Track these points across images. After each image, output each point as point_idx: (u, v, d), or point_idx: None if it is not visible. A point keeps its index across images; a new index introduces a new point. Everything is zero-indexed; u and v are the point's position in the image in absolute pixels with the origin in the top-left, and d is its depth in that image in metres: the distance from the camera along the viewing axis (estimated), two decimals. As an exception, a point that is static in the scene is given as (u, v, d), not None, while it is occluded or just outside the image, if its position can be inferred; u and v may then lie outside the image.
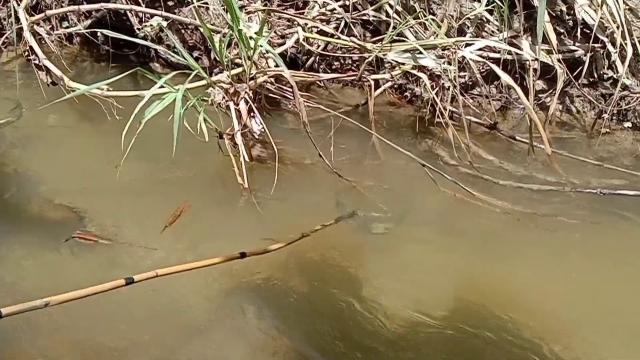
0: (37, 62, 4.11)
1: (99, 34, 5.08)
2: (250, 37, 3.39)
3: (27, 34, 4.01)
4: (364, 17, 4.51)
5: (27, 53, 4.15)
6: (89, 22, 4.88)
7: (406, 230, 3.34)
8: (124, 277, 2.44)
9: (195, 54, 5.09)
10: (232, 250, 2.97)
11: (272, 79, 3.66)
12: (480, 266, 3.11)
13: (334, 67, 4.85)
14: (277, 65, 3.75)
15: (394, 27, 3.88)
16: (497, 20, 4.34)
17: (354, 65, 4.80)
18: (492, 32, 4.46)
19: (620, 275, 3.07)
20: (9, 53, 5.15)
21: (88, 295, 2.33)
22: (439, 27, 3.86)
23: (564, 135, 4.16)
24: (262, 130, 3.59)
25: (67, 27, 4.91)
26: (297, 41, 4.31)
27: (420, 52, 3.70)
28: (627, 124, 4.15)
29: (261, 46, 3.31)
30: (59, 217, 3.23)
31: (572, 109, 4.36)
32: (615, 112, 4.11)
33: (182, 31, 5.10)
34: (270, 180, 3.50)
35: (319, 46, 4.54)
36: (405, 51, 3.73)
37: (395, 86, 4.56)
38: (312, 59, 4.55)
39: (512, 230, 3.33)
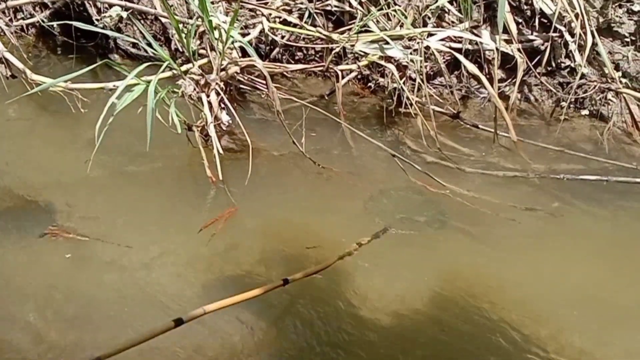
0: (-5, 54, 4.00)
1: (55, 25, 4.99)
2: (218, 27, 3.37)
3: (-16, 25, 3.90)
4: (327, 8, 4.54)
5: (-15, 45, 4.02)
6: (47, 12, 4.75)
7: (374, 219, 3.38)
8: (173, 319, 2.35)
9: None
10: (215, 245, 3.02)
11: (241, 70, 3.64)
12: (447, 256, 3.18)
13: (296, 57, 4.86)
14: (244, 56, 3.75)
15: (361, 18, 3.90)
16: (457, 10, 4.43)
17: (317, 55, 4.82)
18: (452, 22, 4.55)
19: (583, 258, 3.19)
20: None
21: (141, 342, 2.24)
22: (404, 17, 3.89)
23: (523, 123, 4.29)
24: (230, 121, 3.60)
25: (23, 19, 4.76)
26: (261, 32, 4.30)
27: (387, 43, 3.74)
28: (585, 112, 4.30)
29: (232, 37, 3.29)
30: (30, 211, 3.16)
31: (531, 98, 4.49)
32: (573, 100, 4.24)
33: (142, 22, 5.03)
34: (240, 172, 3.51)
35: (283, 37, 4.54)
36: (372, 42, 3.76)
37: (359, 77, 4.61)
38: (276, 49, 4.55)
39: (479, 218, 3.40)
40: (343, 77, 4.21)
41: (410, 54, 3.68)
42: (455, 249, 3.20)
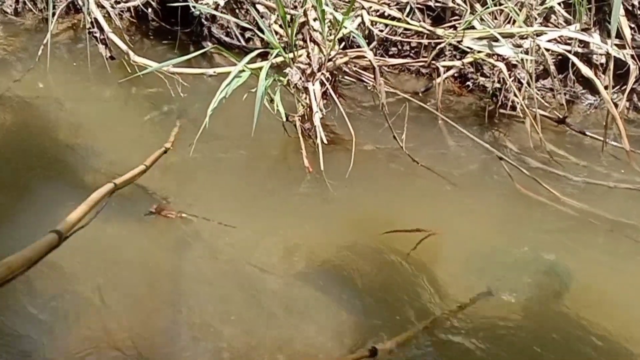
0: (98, 35, 4.02)
1: (149, 9, 5.02)
2: (328, 18, 3.29)
3: (92, 6, 3.92)
4: (428, 3, 4.42)
5: (90, 25, 4.05)
6: (145, -3, 4.78)
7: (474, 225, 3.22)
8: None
9: (247, 34, 5.01)
10: (313, 229, 2.95)
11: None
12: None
13: (390, 52, 4.76)
14: (344, 47, 3.66)
15: (471, 14, 3.76)
16: (565, 11, 4.25)
17: (412, 51, 4.71)
18: (559, 23, 4.37)
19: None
20: (58, 25, 5.06)
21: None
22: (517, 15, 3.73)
23: (633, 133, 4.05)
24: (324, 113, 3.52)
25: (124, 1, 4.80)
26: (360, 24, 4.21)
27: (496, 40, 3.59)
28: None
29: (345, 27, 3.21)
30: (133, 191, 3.14)
31: (640, 107, 4.26)
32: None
33: (237, 11, 5.02)
34: (334, 164, 3.43)
35: (381, 31, 4.44)
36: (480, 38, 3.62)
37: (456, 75, 4.47)
38: (373, 44, 4.44)
39: (585, 231, 3.21)
40: (438, 75, 4.07)
41: (521, 52, 3.51)
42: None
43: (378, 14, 4.48)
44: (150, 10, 5.03)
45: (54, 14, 4.38)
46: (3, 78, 4.31)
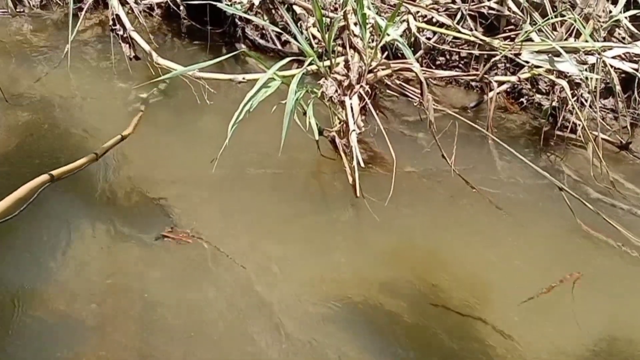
0: (121, 33, 3.73)
1: (181, 7, 4.73)
2: (370, 23, 2.94)
3: (114, 2, 3.63)
4: (481, 10, 4.05)
5: (112, 23, 3.76)
6: (177, -7, 4.48)
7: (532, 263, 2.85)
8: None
9: (284, 37, 4.68)
10: (347, 261, 2.63)
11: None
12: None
13: (437, 62, 4.40)
14: (387, 58, 3.31)
15: (531, 24, 3.38)
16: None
17: (462, 61, 4.34)
18: (623, 37, 3.96)
19: None
20: (85, 21, 4.79)
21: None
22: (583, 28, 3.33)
23: None
24: (362, 130, 3.17)
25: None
26: (405, 31, 3.85)
27: (557, 55, 3.20)
28: None
29: (388, 34, 2.85)
30: (146, 209, 2.84)
31: None
32: None
33: (272, 11, 4.70)
34: (372, 185, 3.08)
35: (428, 38, 4.08)
36: (540, 52, 3.23)
37: (509, 90, 4.09)
38: (419, 52, 4.08)
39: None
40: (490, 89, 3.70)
41: (586, 70, 3.12)
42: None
43: (425, 19, 4.13)
44: (181, 8, 4.73)
45: (76, 12, 4.10)
46: (26, 76, 4.06)
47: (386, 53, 3.35)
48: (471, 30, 3.95)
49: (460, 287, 2.63)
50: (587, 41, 3.24)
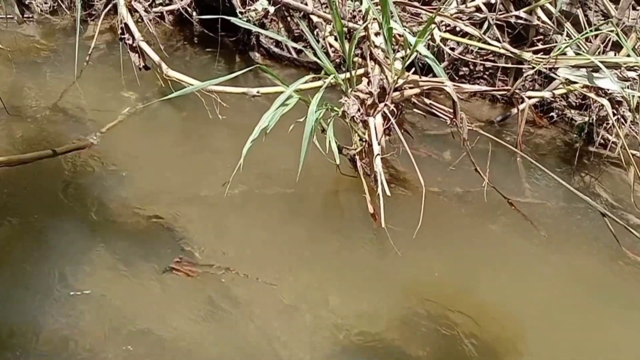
0: (130, 42, 3.54)
1: (193, 14, 4.54)
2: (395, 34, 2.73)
3: (123, 10, 3.45)
4: (509, 20, 3.82)
5: (120, 31, 3.57)
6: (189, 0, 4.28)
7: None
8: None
9: (299, 45, 4.47)
10: (366, 296, 2.42)
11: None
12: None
13: (460, 73, 4.18)
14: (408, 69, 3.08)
15: (568, 36, 3.16)
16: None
17: (486, 73, 4.13)
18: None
19: None
20: (95, 27, 4.61)
21: None
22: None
23: None
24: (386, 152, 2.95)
25: (162, 4, 4.33)
26: (429, 41, 3.63)
27: (596, 70, 2.98)
28: None
29: (417, 52, 2.64)
30: (154, 236, 2.64)
31: None
32: None
33: (288, 19, 4.50)
34: (398, 212, 2.86)
35: (452, 49, 3.86)
36: (577, 67, 3.01)
37: (537, 103, 3.86)
38: (443, 63, 3.86)
39: None
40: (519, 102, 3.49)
41: (628, 87, 2.90)
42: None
43: (449, 28, 3.91)
44: (194, 15, 4.54)
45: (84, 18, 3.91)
46: (32, 85, 3.89)
47: (413, 69, 3.13)
48: (497, 40, 3.73)
49: (482, 323, 2.42)
50: (628, 55, 3.01)
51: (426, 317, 2.45)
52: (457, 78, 4.11)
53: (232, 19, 3.05)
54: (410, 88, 2.70)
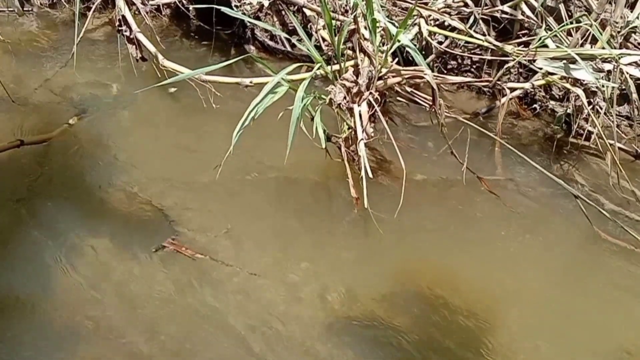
0: (127, 34, 3.67)
1: (190, 7, 4.67)
2: (380, 26, 2.86)
3: (120, 3, 3.57)
4: (495, 14, 3.94)
5: (118, 23, 3.70)
6: (186, -7, 4.41)
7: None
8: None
9: (293, 38, 4.60)
10: (354, 276, 2.53)
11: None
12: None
13: (449, 67, 4.31)
14: (398, 62, 3.22)
15: (546, 29, 3.29)
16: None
17: (474, 66, 4.26)
18: (639, 43, 3.85)
19: None
20: (94, 20, 4.74)
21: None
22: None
23: None
24: (372, 137, 3.09)
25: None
26: (417, 35, 3.76)
27: (573, 62, 3.12)
28: None
29: (399, 41, 2.78)
30: (146, 218, 2.77)
31: None
32: None
33: (282, 13, 4.62)
34: (379, 195, 3.00)
35: (440, 42, 3.99)
36: (555, 59, 3.14)
37: (521, 95, 3.99)
38: (430, 57, 4.00)
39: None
40: (503, 95, 3.61)
41: (602, 78, 3.03)
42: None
43: (437, 23, 4.04)
44: (190, 8, 4.66)
45: (84, 12, 4.04)
46: (31, 78, 4.02)
47: (397, 59, 3.25)
48: (484, 34, 3.86)
49: (467, 298, 2.55)
50: (604, 48, 3.15)
51: (410, 294, 2.57)
52: (445, 71, 4.24)
53: (225, 9, 3.15)
54: (393, 77, 2.83)
